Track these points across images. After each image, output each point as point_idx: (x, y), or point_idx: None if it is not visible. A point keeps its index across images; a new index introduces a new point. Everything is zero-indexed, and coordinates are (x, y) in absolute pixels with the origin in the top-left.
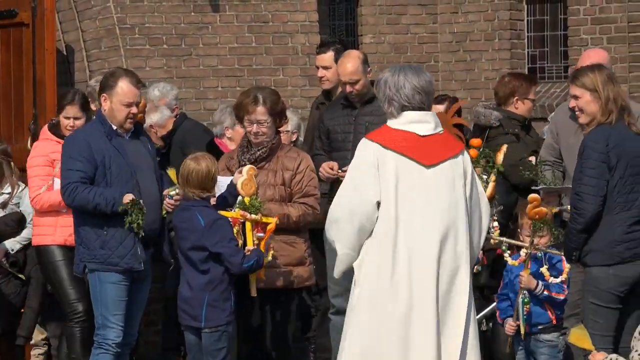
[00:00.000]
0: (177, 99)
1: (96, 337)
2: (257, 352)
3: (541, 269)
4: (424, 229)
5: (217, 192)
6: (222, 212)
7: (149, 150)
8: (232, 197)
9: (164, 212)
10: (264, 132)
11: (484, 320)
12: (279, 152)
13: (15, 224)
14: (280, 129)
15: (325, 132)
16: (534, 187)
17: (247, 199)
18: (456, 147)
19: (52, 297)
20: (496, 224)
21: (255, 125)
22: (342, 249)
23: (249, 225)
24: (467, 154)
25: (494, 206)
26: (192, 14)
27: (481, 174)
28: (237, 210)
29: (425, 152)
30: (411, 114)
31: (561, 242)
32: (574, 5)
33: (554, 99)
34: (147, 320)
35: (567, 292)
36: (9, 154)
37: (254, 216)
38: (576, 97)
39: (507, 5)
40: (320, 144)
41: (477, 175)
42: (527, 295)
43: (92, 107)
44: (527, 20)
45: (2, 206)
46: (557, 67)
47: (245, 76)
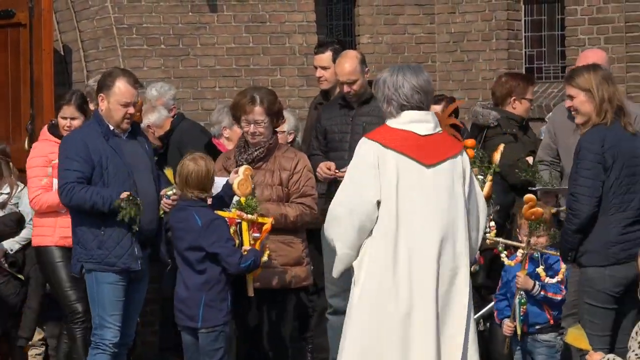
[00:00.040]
0: (175, 99)
1: (93, 337)
2: (254, 352)
3: (537, 269)
4: (424, 229)
5: (213, 192)
6: (219, 212)
7: (146, 150)
8: (228, 198)
9: (162, 212)
10: (261, 132)
11: (482, 320)
12: (277, 152)
13: (14, 224)
14: (277, 129)
15: (322, 132)
16: (531, 188)
17: (243, 199)
18: (455, 147)
19: (49, 297)
20: (493, 223)
21: (252, 125)
22: (341, 249)
23: (245, 225)
24: (466, 154)
25: (490, 206)
26: (190, 14)
27: (478, 174)
28: (233, 210)
29: (425, 151)
30: (411, 114)
31: (558, 242)
32: (571, 5)
33: (551, 99)
34: (145, 320)
35: (564, 292)
36: (8, 154)
37: (250, 216)
38: (571, 97)
39: (505, 5)
40: (317, 144)
41: (474, 175)
42: (524, 295)
43: (91, 106)
44: (525, 20)
45: (1, 206)
46: (555, 67)
47: (242, 76)
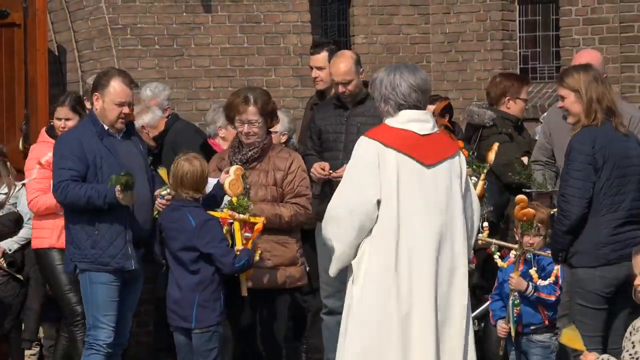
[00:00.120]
0: (169, 99)
1: (87, 337)
2: (248, 352)
3: (530, 271)
4: (423, 229)
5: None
6: (212, 213)
7: (140, 150)
8: (219, 197)
9: (156, 212)
10: (255, 132)
11: (476, 320)
12: (271, 153)
13: (12, 224)
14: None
15: (316, 132)
16: (525, 190)
17: (234, 199)
18: (453, 147)
19: (47, 298)
20: (486, 224)
21: (246, 125)
22: (341, 248)
23: (237, 225)
24: (463, 154)
25: (483, 206)
26: (184, 14)
27: (471, 175)
28: (225, 210)
29: (425, 151)
30: (409, 113)
31: (549, 243)
32: (565, 5)
33: (546, 100)
34: (139, 321)
35: (559, 293)
36: (5, 154)
37: (242, 216)
38: (563, 98)
39: (499, 5)
40: (311, 144)
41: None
42: (517, 297)
43: (87, 105)
44: (519, 20)
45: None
46: (549, 68)
47: (237, 77)
